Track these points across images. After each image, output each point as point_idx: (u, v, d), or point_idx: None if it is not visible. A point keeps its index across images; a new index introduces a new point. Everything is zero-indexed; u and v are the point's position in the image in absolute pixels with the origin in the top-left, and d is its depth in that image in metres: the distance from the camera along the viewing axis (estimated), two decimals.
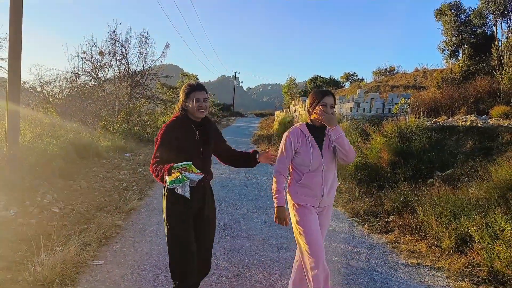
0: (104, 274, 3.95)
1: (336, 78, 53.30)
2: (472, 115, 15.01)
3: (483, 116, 14.59)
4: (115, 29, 20.57)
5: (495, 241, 4.35)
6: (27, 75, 37.98)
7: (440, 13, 27.71)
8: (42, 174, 6.80)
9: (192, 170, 2.72)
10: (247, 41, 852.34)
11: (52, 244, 4.18)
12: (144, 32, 23.95)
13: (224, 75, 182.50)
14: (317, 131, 3.13)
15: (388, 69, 46.52)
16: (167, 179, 2.67)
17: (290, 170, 3.24)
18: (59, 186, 6.78)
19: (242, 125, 36.99)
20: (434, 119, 16.03)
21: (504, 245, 4.07)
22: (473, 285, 4.01)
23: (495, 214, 4.83)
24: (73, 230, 4.87)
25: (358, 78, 51.21)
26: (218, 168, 9.79)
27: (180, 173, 2.65)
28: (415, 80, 35.83)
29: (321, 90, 3.11)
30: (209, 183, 3.21)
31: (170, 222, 2.98)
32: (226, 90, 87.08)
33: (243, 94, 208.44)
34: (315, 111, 3.05)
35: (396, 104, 13.82)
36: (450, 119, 15.39)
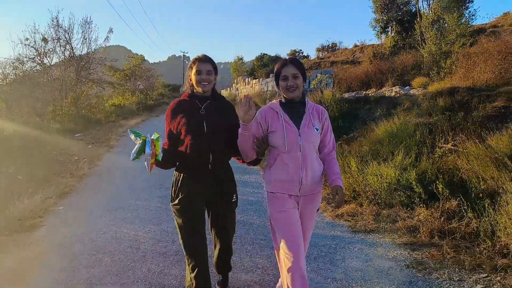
0: (63, 215, 5.39)
1: (282, 56, 55.07)
2: (397, 86, 16.85)
3: (406, 87, 16.34)
4: (57, 15, 21.07)
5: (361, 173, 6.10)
6: None
7: None
8: (3, 153, 8.00)
9: (155, 146, 2.50)
10: (197, 19, 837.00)
11: (23, 198, 5.55)
12: (87, 18, 24.41)
13: (174, 54, 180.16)
14: (294, 106, 2.68)
15: (330, 45, 48.07)
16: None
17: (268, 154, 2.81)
18: (20, 161, 8.02)
19: None
20: (364, 92, 17.92)
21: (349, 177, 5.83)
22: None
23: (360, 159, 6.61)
24: (37, 189, 6.22)
25: (304, 55, 52.90)
26: None
27: (141, 143, 2.49)
28: (354, 56, 37.94)
29: (281, 60, 2.71)
30: (224, 170, 2.85)
31: (175, 209, 2.79)
32: (177, 71, 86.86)
33: None
34: (280, 86, 2.67)
35: (313, 80, 15.58)
36: (379, 91, 17.23)
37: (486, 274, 3.23)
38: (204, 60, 2.74)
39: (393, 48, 28.42)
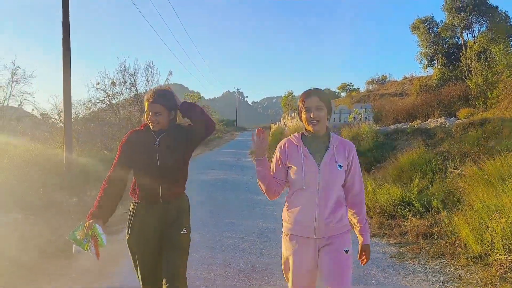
0: None
1: (332, 89, 56.43)
2: (443, 117, 17.39)
3: (452, 118, 16.58)
4: (124, 61, 23.86)
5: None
6: (45, 105, 41.78)
7: (414, 27, 30.64)
8: (85, 178, 9.85)
9: (96, 239, 2.50)
10: (250, 56, 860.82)
11: None
12: (150, 63, 27.19)
13: (228, 90, 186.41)
14: (316, 140, 2.47)
15: (380, 78, 48.65)
16: (77, 233, 2.53)
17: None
18: (99, 186, 9.82)
19: (243, 138, 39.62)
20: (410, 123, 18.62)
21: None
22: None
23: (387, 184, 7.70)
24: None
25: (354, 88, 53.75)
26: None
27: (85, 234, 2.48)
28: (403, 88, 38.42)
29: (305, 91, 2.49)
30: (177, 202, 2.81)
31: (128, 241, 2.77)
32: (231, 106, 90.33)
33: (248, 108, 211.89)
34: (302, 119, 2.48)
35: (350, 114, 16.71)
36: (425, 122, 17.86)
37: (445, 260, 4.31)
38: (153, 101, 2.68)
39: (440, 80, 28.86)
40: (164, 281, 2.64)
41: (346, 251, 2.38)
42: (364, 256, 2.50)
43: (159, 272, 2.68)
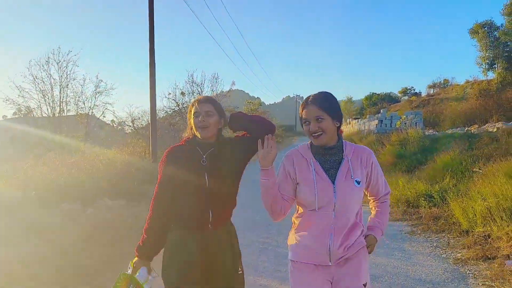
0: None
1: (392, 93, 56.31)
2: (501, 122, 17.63)
3: (510, 123, 16.50)
4: (193, 73, 26.35)
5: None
6: (121, 113, 45.94)
7: (473, 32, 30.65)
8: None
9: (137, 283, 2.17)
10: (310, 62, 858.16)
11: None
12: (215, 74, 29.65)
13: (288, 95, 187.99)
14: (328, 153, 2.12)
15: (442, 82, 47.99)
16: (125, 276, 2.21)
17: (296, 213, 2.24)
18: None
19: (301, 143, 40.86)
20: (467, 128, 19.12)
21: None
22: None
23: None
24: None
25: (415, 92, 53.29)
26: None
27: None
28: (464, 92, 37.97)
29: (305, 99, 2.14)
30: (226, 230, 2.35)
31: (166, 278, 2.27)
32: (290, 111, 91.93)
33: None
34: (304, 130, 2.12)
35: (398, 120, 17.75)
36: (482, 126, 18.25)
37: (444, 234, 5.71)
38: (203, 100, 2.29)
39: (501, 84, 28.68)
40: None
41: (365, 285, 2.12)
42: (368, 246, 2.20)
43: None
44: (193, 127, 2.29)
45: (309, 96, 2.13)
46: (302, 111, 2.11)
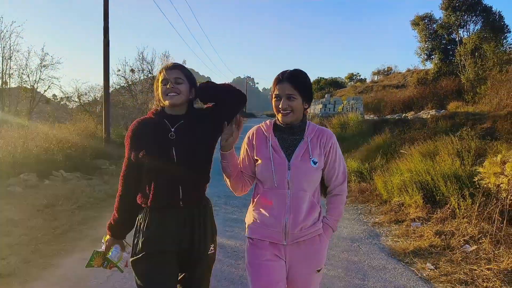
0: None
1: (339, 78, 58.16)
2: (434, 110, 19.31)
3: (442, 110, 18.41)
4: (143, 51, 26.26)
5: None
6: (67, 89, 44.54)
7: (414, 23, 32.47)
8: (118, 150, 12.35)
9: (111, 261, 2.18)
10: (260, 44, 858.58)
11: None
12: (166, 52, 29.62)
13: (239, 76, 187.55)
14: (290, 131, 2.12)
15: (385, 69, 50.07)
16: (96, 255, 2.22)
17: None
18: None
19: (251, 125, 41.02)
20: (404, 114, 20.71)
21: None
22: None
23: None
24: None
25: (361, 78, 55.29)
26: None
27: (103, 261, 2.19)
28: (405, 80, 40.15)
29: (279, 74, 2.09)
30: (204, 209, 2.18)
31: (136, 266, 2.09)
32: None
33: (259, 95, 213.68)
34: (273, 107, 2.11)
35: (339, 106, 19.00)
36: (418, 113, 19.79)
37: (368, 204, 6.72)
38: (172, 67, 2.11)
39: (436, 74, 30.73)
40: None
41: (318, 270, 2.14)
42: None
43: None
44: (161, 97, 2.12)
45: (285, 71, 2.09)
46: (276, 85, 2.07)
